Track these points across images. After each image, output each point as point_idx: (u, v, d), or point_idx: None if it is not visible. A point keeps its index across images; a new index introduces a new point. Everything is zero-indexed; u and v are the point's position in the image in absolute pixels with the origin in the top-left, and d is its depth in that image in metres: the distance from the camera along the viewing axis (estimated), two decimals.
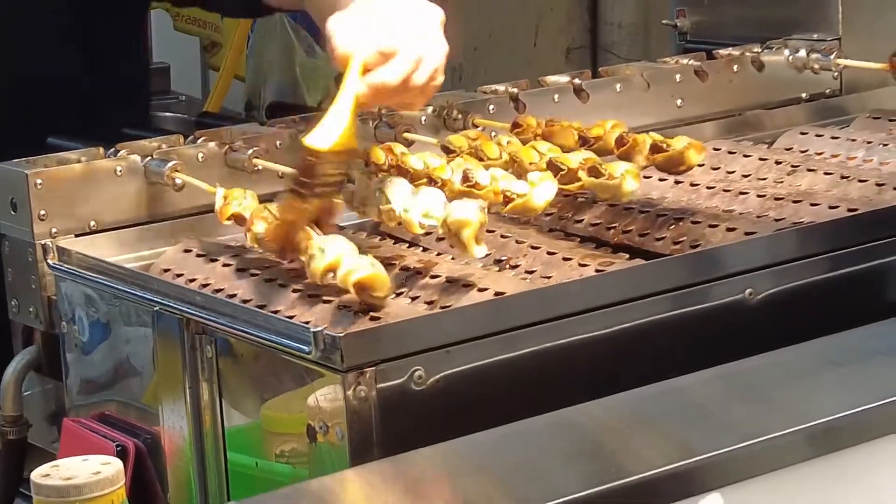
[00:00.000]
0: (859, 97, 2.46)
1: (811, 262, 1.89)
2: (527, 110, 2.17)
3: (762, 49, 2.48)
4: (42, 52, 2.32)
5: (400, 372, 1.64)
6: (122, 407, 1.89)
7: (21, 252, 1.95)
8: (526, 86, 2.27)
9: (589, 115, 2.14)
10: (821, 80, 2.47)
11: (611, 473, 1.50)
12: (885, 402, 1.65)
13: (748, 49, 2.47)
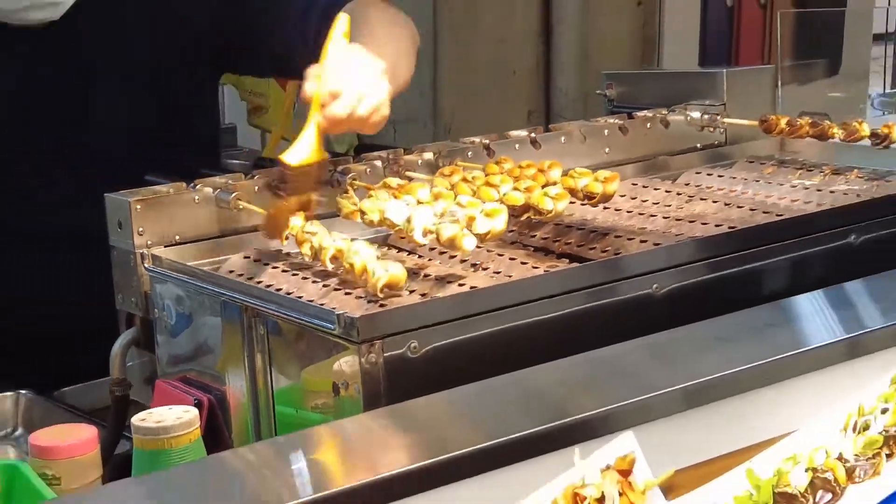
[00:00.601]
0: (739, 147, 2.49)
1: (701, 265, 1.90)
2: (495, 155, 2.18)
3: (668, 112, 2.48)
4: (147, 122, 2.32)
5: (400, 344, 1.64)
6: (199, 372, 1.89)
7: (125, 258, 1.95)
8: (495, 137, 2.28)
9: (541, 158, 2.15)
10: (711, 134, 2.48)
11: (555, 415, 1.52)
12: (751, 365, 1.65)
13: (658, 112, 2.47)
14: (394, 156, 2.24)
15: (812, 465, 1.61)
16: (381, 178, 2.17)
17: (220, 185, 2.02)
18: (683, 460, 1.57)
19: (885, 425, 1.70)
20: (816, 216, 2.04)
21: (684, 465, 1.56)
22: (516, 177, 2.12)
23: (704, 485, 1.56)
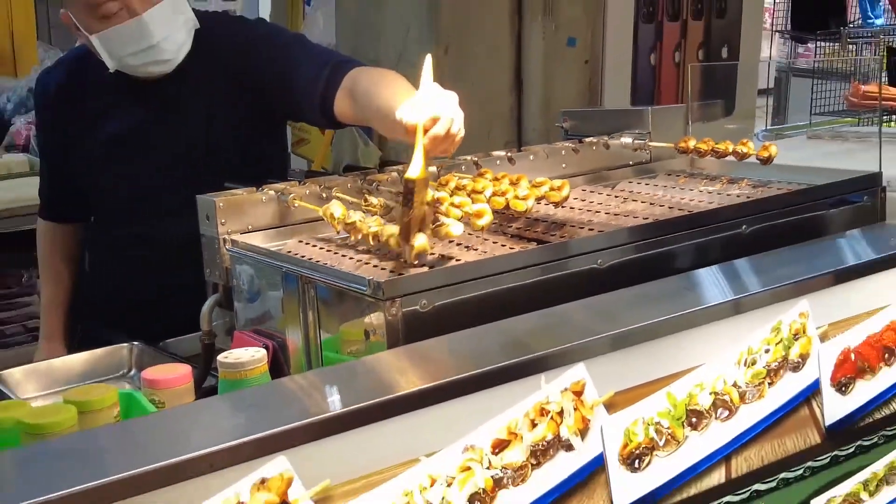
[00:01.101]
0: (660, 163, 2.47)
1: (632, 246, 1.88)
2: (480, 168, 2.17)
3: (608, 138, 2.45)
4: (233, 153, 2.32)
5: (414, 302, 1.62)
6: (265, 325, 1.87)
7: (211, 243, 1.94)
8: (482, 156, 2.26)
9: (514, 172, 2.15)
10: (640, 154, 2.47)
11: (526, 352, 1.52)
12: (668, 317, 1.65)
13: (601, 138, 2.45)
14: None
15: (714, 390, 1.68)
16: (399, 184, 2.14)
17: (281, 189, 2.02)
18: (621, 385, 1.58)
19: (767, 361, 1.75)
20: (717, 212, 2.03)
21: (621, 388, 1.58)
22: (496, 185, 2.10)
23: (636, 403, 1.59)
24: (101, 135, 2.35)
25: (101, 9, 2.14)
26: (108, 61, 2.22)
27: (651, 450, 1.60)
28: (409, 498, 1.36)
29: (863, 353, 1.86)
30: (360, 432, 1.34)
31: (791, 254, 1.96)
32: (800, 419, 1.80)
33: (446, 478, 1.39)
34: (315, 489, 1.28)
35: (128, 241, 2.40)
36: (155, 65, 2.24)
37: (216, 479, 1.23)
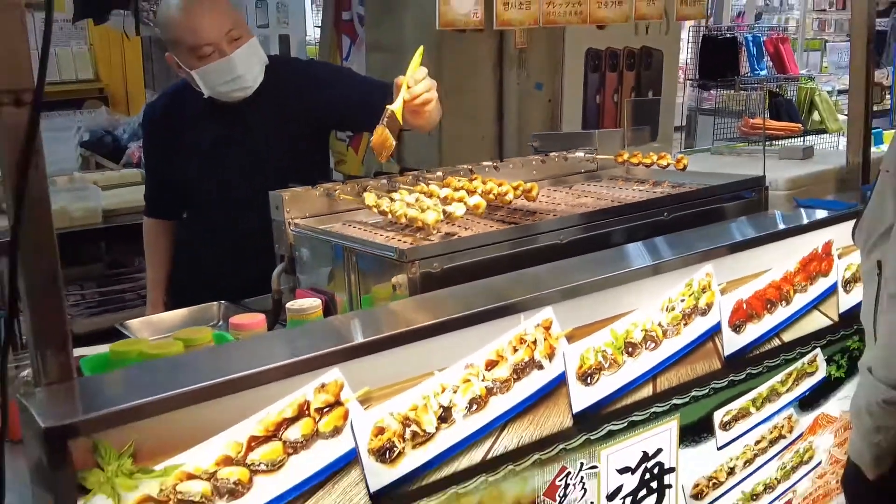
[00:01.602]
0: (605, 171, 2.44)
1: (584, 227, 1.88)
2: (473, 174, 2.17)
3: (566, 153, 2.43)
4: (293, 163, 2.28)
5: (429, 265, 1.62)
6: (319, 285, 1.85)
7: (280, 225, 1.92)
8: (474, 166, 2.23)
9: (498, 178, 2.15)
10: (589, 165, 2.45)
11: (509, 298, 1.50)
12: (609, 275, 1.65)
13: (561, 153, 2.43)
14: (421, 173, 2.22)
15: (644, 328, 1.69)
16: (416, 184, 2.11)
17: (329, 187, 2.01)
18: (577, 323, 1.58)
19: (682, 308, 1.75)
20: (645, 203, 2.04)
21: (578, 325, 1.58)
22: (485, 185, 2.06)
23: (588, 336, 1.60)
24: (194, 148, 2.34)
25: (200, 51, 2.14)
26: (204, 89, 2.21)
27: (599, 370, 1.62)
28: (427, 401, 1.38)
29: (751, 303, 1.85)
30: (391, 353, 1.36)
31: (699, 232, 1.95)
32: (706, 351, 1.80)
33: (452, 386, 1.41)
34: (359, 392, 1.32)
35: (214, 227, 2.38)
36: (238, 91, 2.23)
37: (289, 384, 1.25)
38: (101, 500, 1.10)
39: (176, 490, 1.15)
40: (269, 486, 1.23)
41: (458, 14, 1.46)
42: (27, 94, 1.09)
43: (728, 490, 1.93)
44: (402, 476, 1.37)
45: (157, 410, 1.13)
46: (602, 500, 1.68)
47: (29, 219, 1.12)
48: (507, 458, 1.51)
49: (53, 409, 1.10)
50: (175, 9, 2.20)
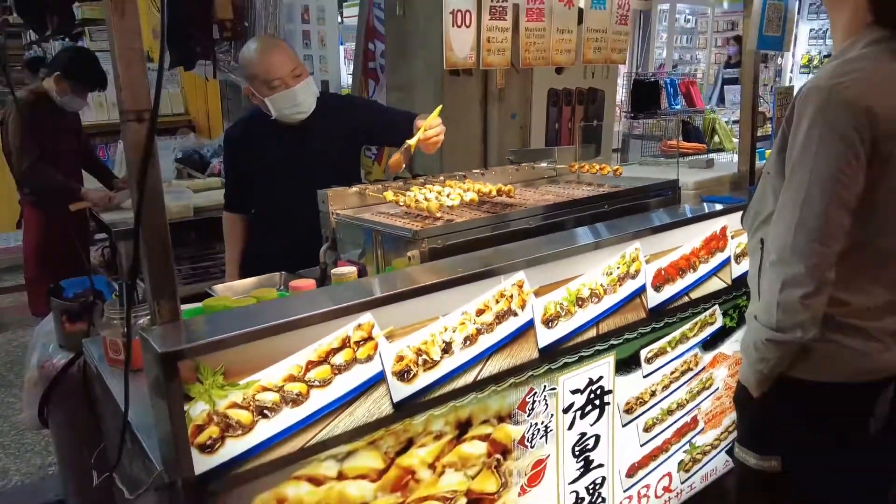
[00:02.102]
0: (561, 176, 2.40)
1: (546, 215, 1.85)
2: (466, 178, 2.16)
3: (534, 164, 2.41)
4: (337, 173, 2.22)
5: (435, 242, 1.61)
6: (355, 258, 1.82)
7: (325, 215, 1.90)
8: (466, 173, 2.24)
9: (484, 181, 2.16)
10: (550, 172, 2.40)
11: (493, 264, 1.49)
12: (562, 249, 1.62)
13: (529, 164, 2.40)
14: (427, 177, 2.20)
15: (590, 287, 1.67)
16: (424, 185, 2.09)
17: (361, 188, 1.99)
18: (542, 283, 1.57)
19: (617, 274, 1.72)
20: (591, 198, 2.01)
21: (542, 284, 1.57)
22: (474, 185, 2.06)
23: (550, 292, 1.59)
24: (263, 160, 2.31)
25: (271, 84, 2.14)
26: (272, 112, 2.20)
27: (558, 317, 1.61)
28: (434, 337, 1.39)
29: (668, 270, 1.84)
30: (407, 303, 1.35)
31: (630, 219, 1.94)
32: (634, 305, 1.78)
33: (452, 327, 1.42)
34: (385, 330, 1.32)
35: (276, 218, 2.35)
36: (298, 115, 2.22)
37: (335, 324, 1.25)
38: (201, 405, 1.11)
39: (254, 398, 1.16)
40: (321, 397, 1.24)
41: (458, 58, 1.47)
42: (146, 114, 1.10)
43: (651, 407, 1.93)
44: (416, 391, 1.37)
45: (240, 341, 1.14)
46: (559, 412, 1.68)
47: (148, 204, 1.12)
48: (490, 381, 1.50)
49: (167, 340, 1.11)
50: (254, 52, 2.19)
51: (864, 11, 1.25)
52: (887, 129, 1.18)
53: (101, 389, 1.59)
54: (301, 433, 1.22)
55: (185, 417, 1.09)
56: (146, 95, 1.09)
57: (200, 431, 1.10)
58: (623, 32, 1.72)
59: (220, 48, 3.79)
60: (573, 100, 3.38)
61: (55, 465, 2.50)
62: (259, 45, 2.22)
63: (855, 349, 1.30)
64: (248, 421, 1.15)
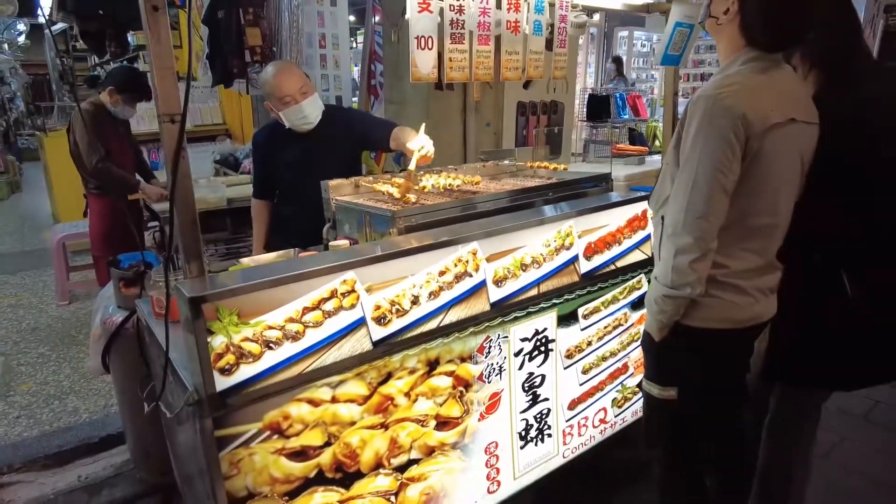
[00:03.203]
0: (521, 172, 2.35)
1: (508, 199, 1.85)
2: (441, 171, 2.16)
3: (499, 162, 2.39)
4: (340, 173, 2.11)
5: (410, 220, 1.63)
6: (349, 234, 1.82)
7: (328, 202, 1.90)
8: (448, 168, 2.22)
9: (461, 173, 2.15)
10: (511, 168, 2.37)
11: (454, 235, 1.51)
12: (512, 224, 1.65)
13: (495, 161, 2.38)
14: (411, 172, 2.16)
15: (532, 256, 1.69)
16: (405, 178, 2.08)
17: (355, 179, 1.97)
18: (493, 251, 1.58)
19: (555, 245, 1.71)
20: (538, 187, 2.00)
21: (493, 252, 1.58)
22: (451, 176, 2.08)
23: (499, 259, 1.60)
24: (282, 159, 2.32)
25: (283, 100, 2.17)
26: (285, 123, 2.23)
27: (506, 279, 1.62)
28: (404, 292, 1.41)
29: (597, 244, 1.84)
30: (384, 264, 1.38)
31: (568, 203, 1.92)
32: (569, 270, 1.78)
33: (419, 284, 1.44)
34: (365, 285, 1.35)
35: (292, 205, 2.34)
36: (306, 125, 2.24)
37: (324, 280, 1.29)
38: (220, 338, 1.16)
39: (262, 334, 1.21)
40: (315, 335, 1.28)
41: (422, 73, 1.52)
42: (177, 116, 1.16)
43: (588, 354, 1.95)
44: (391, 333, 1.41)
45: (249, 290, 1.19)
46: (511, 355, 1.70)
47: (179, 188, 1.18)
48: (453, 328, 1.53)
49: (194, 288, 1.17)
50: (269, 75, 2.21)
51: (738, 37, 1.31)
52: (757, 129, 1.23)
53: (150, 338, 1.65)
54: (299, 362, 1.28)
55: (208, 347, 1.15)
56: (177, 102, 1.16)
57: (220, 358, 1.17)
58: (562, 54, 1.77)
59: (253, 69, 3.83)
60: (538, 110, 3.41)
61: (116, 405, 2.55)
62: (273, 69, 2.24)
63: (733, 302, 1.34)
64: (258, 351, 1.21)
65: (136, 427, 2.14)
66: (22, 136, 10.73)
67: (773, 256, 1.39)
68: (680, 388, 1.42)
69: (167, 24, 1.14)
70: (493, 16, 1.55)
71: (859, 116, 1.34)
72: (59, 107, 7.41)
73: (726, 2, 1.29)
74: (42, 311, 4.00)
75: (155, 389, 1.58)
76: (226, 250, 3.35)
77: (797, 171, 1.33)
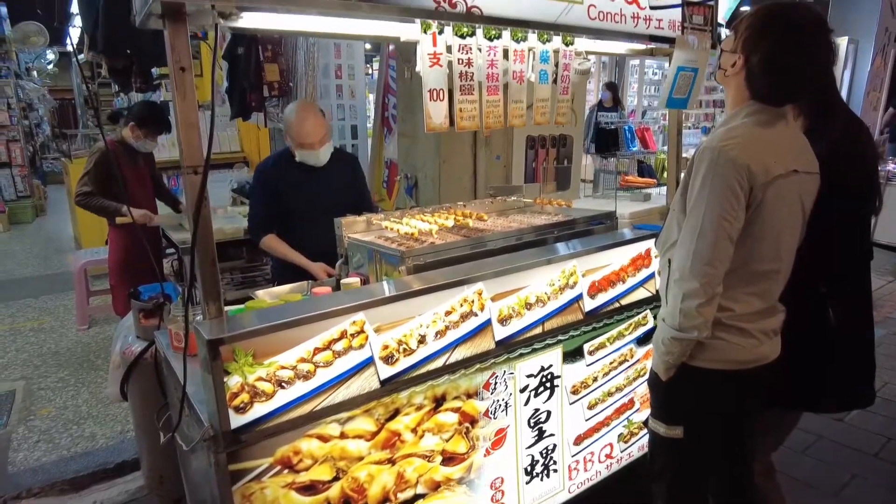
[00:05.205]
0: (529, 208, 2.35)
1: (514, 238, 1.89)
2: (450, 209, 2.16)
3: (506, 197, 2.38)
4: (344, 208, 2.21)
5: (418, 260, 1.66)
6: (360, 270, 1.81)
7: (340, 238, 1.94)
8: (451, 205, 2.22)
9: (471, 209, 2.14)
10: (519, 203, 2.37)
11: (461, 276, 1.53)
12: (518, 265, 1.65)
13: (504, 197, 2.37)
14: (421, 209, 2.15)
15: (537, 295, 1.71)
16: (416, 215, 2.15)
17: (368, 217, 2.05)
18: (497, 290, 1.59)
19: (559, 285, 1.74)
20: (545, 226, 2.01)
21: (498, 292, 1.59)
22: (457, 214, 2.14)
23: (504, 298, 1.61)
24: (288, 183, 2.35)
25: (303, 145, 2.28)
26: (298, 159, 2.33)
27: (510, 318, 1.64)
28: (411, 332, 1.44)
29: (601, 282, 1.85)
30: (391, 305, 1.40)
31: (573, 242, 1.94)
32: (574, 308, 1.79)
33: (426, 325, 1.47)
34: (374, 325, 1.37)
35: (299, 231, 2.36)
36: (317, 162, 2.34)
37: (335, 321, 1.31)
38: (236, 378, 1.20)
39: (275, 374, 1.25)
40: (325, 374, 1.32)
41: (435, 123, 1.57)
42: (200, 168, 1.22)
43: (594, 390, 1.95)
44: (398, 372, 1.43)
45: (264, 332, 1.23)
46: (517, 391, 1.71)
47: (200, 233, 1.23)
48: (460, 366, 1.54)
49: (212, 331, 1.21)
50: (293, 118, 2.29)
51: (743, 89, 1.35)
52: (761, 181, 1.27)
53: (167, 370, 1.69)
54: (310, 401, 1.31)
55: (224, 386, 1.19)
56: (200, 155, 1.22)
57: (235, 397, 1.21)
58: (565, 100, 1.83)
59: (270, 103, 3.98)
60: (547, 144, 3.44)
61: (132, 431, 2.60)
62: (298, 114, 2.28)
63: (738, 344, 1.36)
64: (271, 391, 1.25)
65: (152, 454, 2.18)
66: (47, 160, 11.03)
67: (776, 299, 1.41)
68: (686, 427, 1.43)
69: (192, 83, 1.21)
70: (500, 66, 1.61)
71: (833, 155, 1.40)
72: (83, 134, 7.62)
73: (733, 56, 1.34)
74: (63, 335, 4.09)
75: (171, 419, 1.62)
76: (242, 279, 3.42)
77: (799, 218, 1.37)
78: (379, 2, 1.41)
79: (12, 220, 8.05)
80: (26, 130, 8.80)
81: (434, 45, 1.55)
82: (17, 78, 8.62)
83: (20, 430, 2.82)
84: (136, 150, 3.24)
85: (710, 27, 2.10)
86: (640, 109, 8.04)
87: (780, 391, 1.50)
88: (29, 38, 7.94)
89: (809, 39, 1.27)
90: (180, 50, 1.16)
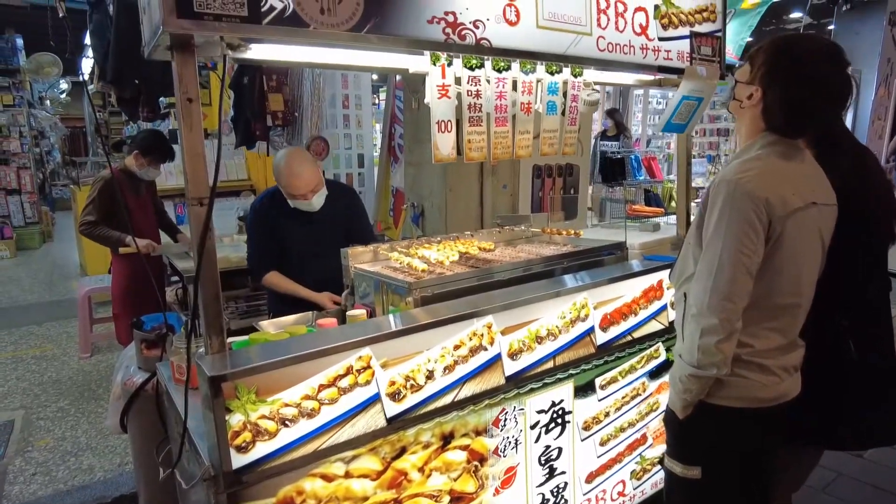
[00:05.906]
0: (536, 238, 2.37)
1: (521, 269, 1.85)
2: (457, 238, 2.18)
3: (514, 226, 2.38)
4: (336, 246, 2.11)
5: (426, 292, 1.63)
6: (367, 302, 1.81)
7: (347, 268, 1.91)
8: (458, 234, 2.24)
9: (478, 238, 2.18)
10: (527, 233, 2.38)
11: (470, 309, 1.50)
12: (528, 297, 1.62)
13: (511, 226, 2.37)
14: (428, 238, 2.17)
15: (548, 328, 1.69)
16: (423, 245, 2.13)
17: (374, 247, 2.03)
18: (508, 324, 1.57)
19: (570, 318, 1.72)
20: (554, 256, 2.00)
21: (508, 325, 1.58)
22: (464, 245, 2.12)
23: (514, 332, 1.59)
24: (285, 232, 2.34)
25: (294, 196, 2.26)
26: (291, 205, 2.30)
27: (521, 352, 1.61)
28: (419, 367, 1.41)
29: (613, 315, 1.83)
30: (398, 340, 1.38)
31: (582, 274, 1.92)
32: (585, 342, 1.77)
33: (434, 360, 1.44)
34: (380, 361, 1.35)
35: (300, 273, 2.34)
36: (310, 209, 2.31)
37: (341, 356, 1.29)
38: (238, 416, 1.17)
39: (279, 412, 1.22)
40: (330, 412, 1.29)
41: (443, 154, 1.57)
42: (205, 199, 1.21)
43: (606, 425, 1.92)
44: (405, 409, 1.40)
45: (267, 369, 1.20)
46: (527, 428, 1.68)
47: (205, 266, 1.21)
48: (468, 402, 1.51)
49: (214, 367, 1.18)
50: (283, 168, 2.25)
51: (759, 120, 1.34)
52: (779, 213, 1.25)
53: (169, 402, 1.66)
54: (314, 439, 1.28)
55: (226, 425, 1.16)
56: (206, 187, 1.21)
57: (237, 436, 1.18)
58: (573, 131, 1.83)
59: (275, 132, 4.00)
60: (553, 173, 3.44)
61: (131, 464, 2.55)
62: (288, 166, 2.23)
63: (757, 381, 1.33)
64: (274, 429, 1.21)
65: (150, 488, 2.11)
66: (56, 187, 11.16)
67: (797, 335, 1.38)
68: (704, 468, 1.39)
69: (199, 115, 1.20)
70: (509, 98, 1.60)
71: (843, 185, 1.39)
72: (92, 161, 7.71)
73: (750, 88, 1.33)
74: (65, 363, 4.06)
75: (171, 454, 1.58)
76: (246, 308, 3.37)
77: (818, 251, 1.34)
78: (388, 34, 1.41)
79: (20, 246, 8.14)
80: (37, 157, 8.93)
81: (443, 77, 1.55)
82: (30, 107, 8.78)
83: (17, 462, 2.78)
84: (139, 179, 3.25)
85: (717, 58, 2.11)
86: (644, 139, 8.08)
87: (798, 426, 1.46)
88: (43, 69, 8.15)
89: (827, 73, 1.26)
90: (188, 81, 1.16)
